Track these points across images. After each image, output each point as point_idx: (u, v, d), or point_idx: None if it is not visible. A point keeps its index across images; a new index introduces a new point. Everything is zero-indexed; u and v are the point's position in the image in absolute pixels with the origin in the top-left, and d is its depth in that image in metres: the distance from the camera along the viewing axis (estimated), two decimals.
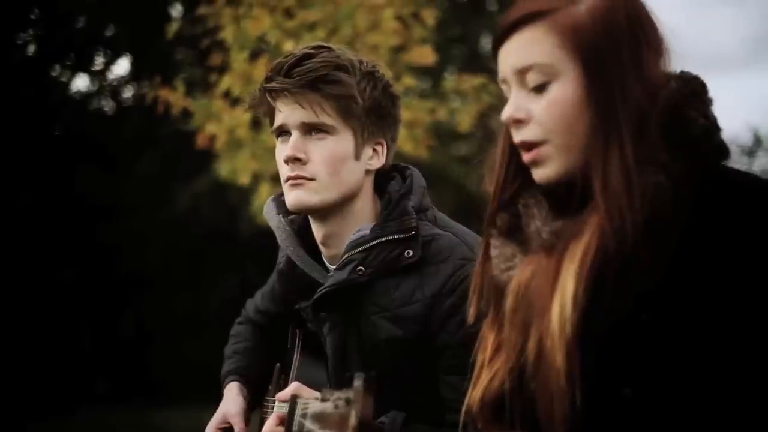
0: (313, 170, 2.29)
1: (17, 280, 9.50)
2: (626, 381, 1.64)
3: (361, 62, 2.34)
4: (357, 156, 2.32)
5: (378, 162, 2.36)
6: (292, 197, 2.31)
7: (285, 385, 2.42)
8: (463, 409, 1.82)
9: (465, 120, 7.66)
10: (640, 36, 1.68)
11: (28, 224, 9.76)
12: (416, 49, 7.36)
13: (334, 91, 2.27)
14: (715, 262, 1.62)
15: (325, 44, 2.39)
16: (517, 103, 1.70)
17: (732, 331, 1.60)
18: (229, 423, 2.53)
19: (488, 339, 1.79)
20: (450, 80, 8.20)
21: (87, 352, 9.97)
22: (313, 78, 2.27)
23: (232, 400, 2.57)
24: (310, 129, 2.29)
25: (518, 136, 1.72)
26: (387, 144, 2.37)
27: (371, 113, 2.32)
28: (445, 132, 8.53)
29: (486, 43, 16.09)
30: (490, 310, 1.81)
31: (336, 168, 2.29)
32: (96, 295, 10.00)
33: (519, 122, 1.70)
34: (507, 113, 1.71)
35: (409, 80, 7.20)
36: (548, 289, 1.66)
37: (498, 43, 1.74)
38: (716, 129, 1.71)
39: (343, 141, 2.30)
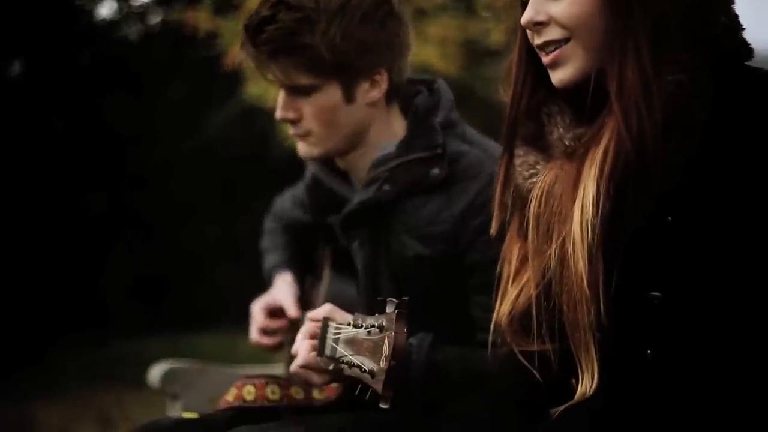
0: (306, 127, 2.26)
1: (49, 208, 9.58)
2: (654, 284, 1.63)
3: None
4: (349, 100, 2.25)
5: (379, 91, 2.27)
6: (300, 149, 2.31)
7: (315, 299, 2.44)
8: (492, 326, 1.81)
9: (497, 38, 7.58)
10: None
11: (61, 152, 9.82)
12: None
13: (296, 60, 2.19)
14: (738, 159, 1.60)
15: None
16: (536, 7, 1.70)
17: (759, 227, 1.58)
18: (277, 305, 2.48)
19: (513, 251, 1.78)
20: None
21: (118, 278, 10.05)
22: (273, 48, 2.19)
23: (285, 286, 2.52)
24: (292, 89, 2.24)
25: (539, 38, 1.71)
26: (387, 66, 2.26)
27: (349, 55, 2.20)
28: (477, 50, 8.46)
29: None
30: (513, 221, 1.79)
31: (328, 120, 2.25)
32: (126, 222, 10.06)
33: (539, 24, 1.70)
34: (527, 17, 1.71)
35: None
36: (569, 194, 1.65)
37: None
38: (738, 27, 1.68)
39: (328, 93, 2.23)
